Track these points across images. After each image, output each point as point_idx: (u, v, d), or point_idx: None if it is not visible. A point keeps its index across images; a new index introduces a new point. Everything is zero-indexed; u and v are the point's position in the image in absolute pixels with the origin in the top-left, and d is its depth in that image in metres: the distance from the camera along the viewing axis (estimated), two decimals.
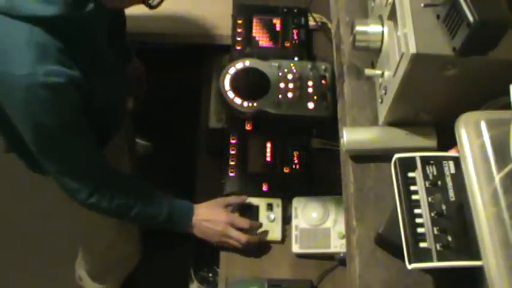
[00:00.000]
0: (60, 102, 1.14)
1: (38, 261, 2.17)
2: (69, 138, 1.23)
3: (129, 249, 1.81)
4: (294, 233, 1.42)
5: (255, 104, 1.51)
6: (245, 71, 1.56)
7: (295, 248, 1.41)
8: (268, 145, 1.54)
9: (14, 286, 2.15)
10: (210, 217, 1.42)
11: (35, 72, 1.07)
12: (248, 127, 1.55)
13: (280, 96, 1.52)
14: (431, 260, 0.78)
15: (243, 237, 1.41)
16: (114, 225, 1.65)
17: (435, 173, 0.84)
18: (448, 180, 0.83)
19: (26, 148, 1.25)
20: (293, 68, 1.57)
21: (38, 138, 1.20)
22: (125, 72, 1.60)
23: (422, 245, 0.78)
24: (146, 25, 1.67)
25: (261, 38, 1.67)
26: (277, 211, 1.47)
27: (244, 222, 1.43)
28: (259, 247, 1.45)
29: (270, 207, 1.47)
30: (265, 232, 1.45)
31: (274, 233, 1.45)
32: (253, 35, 1.68)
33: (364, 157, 1.00)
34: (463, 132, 0.74)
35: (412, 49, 0.81)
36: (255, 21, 1.70)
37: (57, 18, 1.08)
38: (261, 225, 1.45)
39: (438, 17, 0.81)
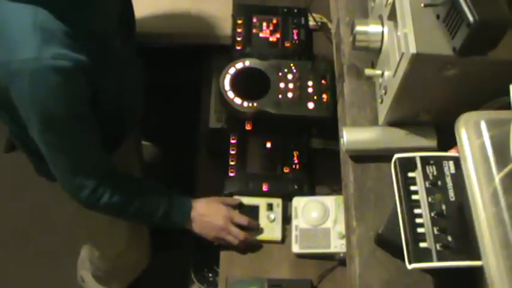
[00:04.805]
0: (68, 87, 1.10)
1: (38, 261, 2.16)
2: (77, 129, 1.20)
3: (138, 255, 1.80)
4: (294, 233, 1.42)
5: (255, 104, 1.51)
6: (245, 71, 1.56)
7: (295, 248, 1.41)
8: (268, 145, 1.54)
9: (14, 286, 2.15)
10: (210, 211, 1.41)
11: (41, 55, 1.04)
12: (248, 127, 1.55)
13: (280, 96, 1.52)
14: (431, 260, 0.78)
15: (241, 234, 1.41)
16: (125, 234, 1.65)
17: (435, 173, 0.84)
18: (448, 180, 0.83)
19: (33, 147, 1.24)
20: (293, 68, 1.57)
21: (46, 127, 1.16)
22: (138, 71, 1.58)
23: (422, 245, 0.79)
24: (146, 25, 1.67)
25: (261, 38, 1.67)
26: (277, 211, 1.47)
27: (243, 219, 1.43)
28: (259, 247, 1.45)
29: (270, 207, 1.47)
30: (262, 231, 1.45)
31: (274, 233, 1.45)
32: (253, 35, 1.68)
33: (364, 157, 1.01)
34: (463, 132, 0.74)
35: (412, 49, 0.81)
36: (255, 21, 1.70)
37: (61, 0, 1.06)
38: (258, 227, 1.45)
39: (438, 17, 0.81)
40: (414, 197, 0.82)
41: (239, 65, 1.56)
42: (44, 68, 1.05)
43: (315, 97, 1.53)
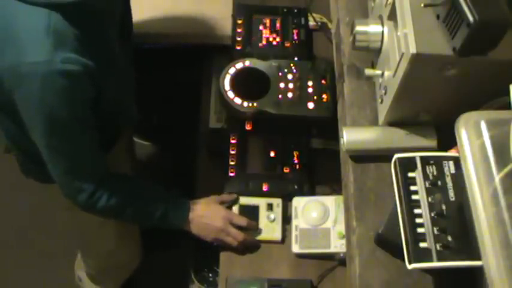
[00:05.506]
0: (75, 91, 1.11)
1: (37, 262, 2.16)
2: (79, 131, 1.20)
3: (129, 254, 1.80)
4: (294, 233, 1.42)
5: (255, 104, 1.51)
6: (245, 71, 1.56)
7: (295, 248, 1.41)
8: (268, 145, 1.54)
9: (13, 286, 2.15)
10: (208, 213, 1.41)
11: (52, 59, 1.05)
12: (248, 127, 1.55)
13: (280, 96, 1.52)
14: (431, 260, 0.78)
15: (240, 235, 1.41)
16: (114, 234, 1.65)
17: (435, 173, 0.84)
18: (448, 180, 0.83)
19: (27, 148, 1.24)
20: (293, 68, 1.57)
21: (50, 130, 1.16)
22: (133, 74, 1.59)
23: (422, 245, 0.78)
24: (146, 25, 1.67)
25: (261, 38, 1.67)
26: (277, 211, 1.47)
27: (242, 220, 1.43)
28: (258, 247, 1.45)
29: (270, 207, 1.47)
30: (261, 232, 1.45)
31: (274, 233, 1.45)
32: (253, 35, 1.68)
33: (364, 157, 1.01)
34: (463, 132, 0.74)
35: (412, 49, 0.81)
36: (254, 22, 1.70)
37: (75, 5, 1.06)
38: (258, 228, 1.45)
39: (438, 17, 0.81)
40: (414, 197, 0.82)
41: (239, 65, 1.56)
42: (54, 72, 1.06)
43: (315, 97, 1.53)
